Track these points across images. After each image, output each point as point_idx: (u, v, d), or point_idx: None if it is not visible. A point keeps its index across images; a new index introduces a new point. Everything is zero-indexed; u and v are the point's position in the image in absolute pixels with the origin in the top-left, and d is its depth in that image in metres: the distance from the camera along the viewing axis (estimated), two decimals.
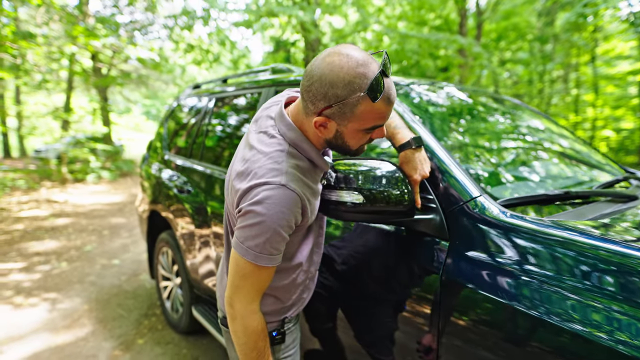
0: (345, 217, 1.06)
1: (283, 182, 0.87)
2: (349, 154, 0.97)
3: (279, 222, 0.87)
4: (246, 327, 0.96)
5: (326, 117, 0.86)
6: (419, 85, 1.74)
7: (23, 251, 4.60)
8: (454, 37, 11.94)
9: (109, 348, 2.62)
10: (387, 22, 15.62)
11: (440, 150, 1.21)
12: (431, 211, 1.13)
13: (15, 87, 17.44)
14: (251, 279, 0.93)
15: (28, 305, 3.22)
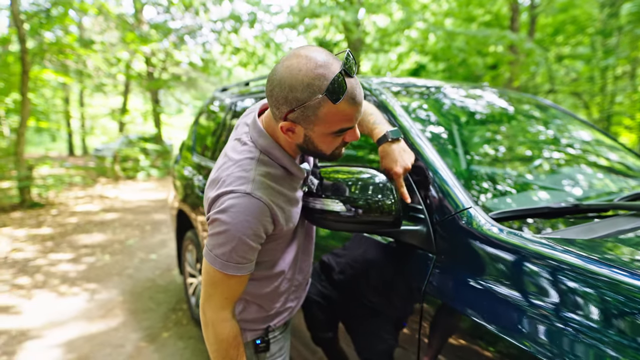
0: (330, 226, 1.03)
1: (248, 191, 0.86)
2: (324, 159, 0.94)
3: (243, 231, 0.85)
4: (217, 335, 0.96)
5: (292, 122, 0.83)
6: (431, 87, 1.66)
7: (73, 243, 4.97)
8: (503, 33, 11.34)
9: (136, 339, 2.75)
10: (433, 20, 15.16)
11: (432, 156, 1.13)
12: (419, 222, 1.06)
13: (79, 91, 18.94)
14: (221, 287, 0.93)
15: (71, 294, 3.47)
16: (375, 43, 16.32)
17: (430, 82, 1.78)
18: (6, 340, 2.70)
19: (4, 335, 2.75)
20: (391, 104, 1.35)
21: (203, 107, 3.41)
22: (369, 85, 1.43)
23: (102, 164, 12.12)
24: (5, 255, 4.48)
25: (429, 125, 1.42)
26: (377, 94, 1.37)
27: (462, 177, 1.23)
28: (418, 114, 1.46)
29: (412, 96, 1.58)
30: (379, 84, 1.50)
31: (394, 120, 1.28)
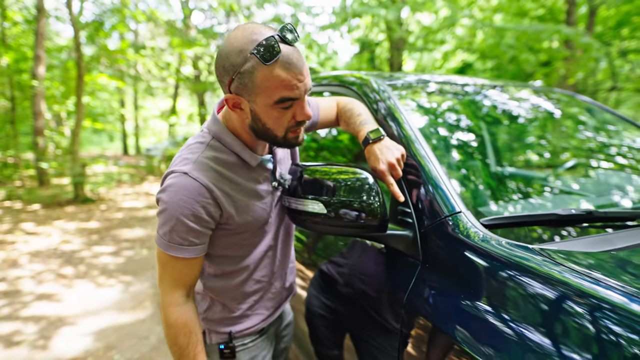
0: (311, 228, 0.98)
1: (186, 170, 0.86)
2: (281, 144, 0.91)
3: (180, 210, 0.85)
4: (166, 319, 0.93)
5: (236, 95, 0.83)
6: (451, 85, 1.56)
7: (116, 237, 5.27)
8: (557, 27, 10.61)
9: (161, 331, 2.84)
10: (482, 16, 14.53)
11: (426, 156, 1.05)
12: (407, 226, 0.99)
13: (134, 94, 20.15)
14: (168, 268, 0.92)
15: (107, 285, 3.67)
16: (419, 41, 15.96)
17: (455, 78, 1.67)
18: (45, 325, 2.90)
19: (44, 321, 2.96)
20: (394, 102, 1.27)
21: None
22: (378, 87, 1.36)
23: (150, 162, 12.79)
24: (55, 246, 4.83)
25: (439, 126, 1.33)
26: (385, 97, 1.30)
27: (467, 180, 1.14)
28: (429, 113, 1.38)
29: (427, 94, 1.49)
30: (391, 82, 1.42)
31: (395, 122, 1.20)
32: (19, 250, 4.62)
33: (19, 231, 5.38)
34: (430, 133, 1.24)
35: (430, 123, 1.32)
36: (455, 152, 1.21)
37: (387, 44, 15.79)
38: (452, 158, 1.17)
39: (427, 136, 1.18)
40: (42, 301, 3.30)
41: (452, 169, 1.14)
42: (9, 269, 4.03)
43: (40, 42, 8.52)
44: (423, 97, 1.47)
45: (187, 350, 0.95)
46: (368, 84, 1.39)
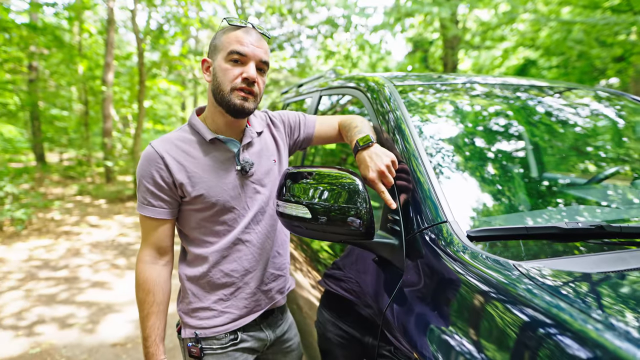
0: (296, 231, 0.98)
1: (150, 143, 1.05)
2: (226, 102, 1.01)
3: (141, 173, 1.03)
4: (135, 272, 1.09)
5: (207, 59, 1.06)
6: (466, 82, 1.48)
7: None
8: (635, 18, 9.61)
9: None
10: (546, 9, 13.55)
11: (417, 161, 1.00)
12: (395, 234, 0.95)
13: (194, 97, 21.29)
14: (142, 227, 1.09)
15: None
16: (475, 39, 15.28)
17: (496, 79, 1.58)
18: (95, 310, 3.16)
19: (95, 307, 3.22)
20: (396, 102, 1.23)
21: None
22: (386, 89, 1.32)
23: None
24: (113, 238, 5.25)
25: (457, 131, 1.26)
26: (388, 98, 1.26)
27: (481, 188, 1.07)
28: (449, 116, 1.31)
29: (456, 95, 1.42)
30: (413, 83, 1.38)
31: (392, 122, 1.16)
32: (82, 241, 5.08)
33: (84, 223, 5.91)
34: (438, 138, 1.18)
35: (446, 128, 1.25)
36: (469, 158, 1.14)
37: (441, 42, 15.27)
38: (460, 164, 1.11)
39: (439, 143, 1.13)
40: (96, 288, 3.60)
41: (461, 175, 1.07)
42: (72, 257, 4.45)
43: (110, 51, 9.30)
44: (447, 98, 1.40)
45: (143, 307, 1.06)
46: (379, 87, 1.36)
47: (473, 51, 16.86)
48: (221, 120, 1.07)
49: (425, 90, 1.39)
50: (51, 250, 4.62)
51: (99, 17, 12.86)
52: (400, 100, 1.26)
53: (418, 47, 16.74)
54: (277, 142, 1.21)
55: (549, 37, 13.30)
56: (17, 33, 8.33)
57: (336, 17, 16.27)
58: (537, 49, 14.47)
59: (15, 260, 4.25)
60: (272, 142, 1.20)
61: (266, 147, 1.16)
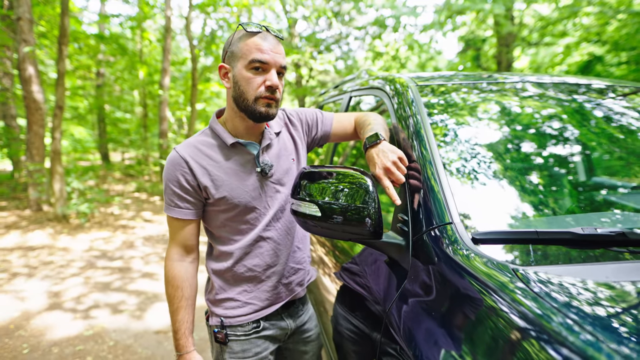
0: (311, 230, 1.01)
1: (174, 147, 1.09)
2: (251, 111, 1.04)
3: (167, 176, 1.09)
4: (164, 272, 1.15)
5: (224, 65, 1.06)
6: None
7: None
8: None
9: None
10: (615, 1, 12.50)
11: (428, 158, 0.98)
12: (403, 235, 0.95)
13: None
14: (170, 228, 1.15)
15: (201, 270, 4.11)
16: (533, 35, 14.46)
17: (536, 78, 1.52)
18: (143, 299, 3.39)
19: (143, 295, 3.46)
20: (414, 97, 1.22)
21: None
22: (412, 97, 1.31)
23: None
24: (164, 232, 5.58)
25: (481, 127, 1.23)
26: (405, 91, 1.25)
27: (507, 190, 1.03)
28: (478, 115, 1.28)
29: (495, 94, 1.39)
30: (443, 83, 1.37)
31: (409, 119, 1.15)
32: (137, 234, 5.46)
33: (139, 218, 6.35)
34: (458, 134, 1.16)
35: (466, 130, 1.22)
36: (484, 161, 1.11)
37: (494, 40, 14.61)
38: (475, 167, 1.08)
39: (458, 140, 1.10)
40: (145, 279, 3.86)
41: (475, 178, 1.04)
42: (127, 249, 4.80)
43: (167, 57, 9.90)
44: (474, 98, 1.37)
45: (172, 302, 1.12)
46: (402, 88, 1.35)
47: (530, 48, 15.96)
48: (241, 125, 1.11)
49: (451, 90, 1.36)
50: (109, 242, 5.02)
51: (158, 26, 13.71)
52: (421, 104, 1.25)
53: (470, 46, 16.13)
54: (295, 141, 1.24)
55: (617, 30, 12.29)
56: (85, 43, 9.09)
57: (384, 17, 16.09)
58: (603, 44, 13.44)
59: (77, 250, 4.66)
60: (290, 142, 1.23)
61: (284, 147, 1.20)
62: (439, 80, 1.44)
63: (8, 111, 9.33)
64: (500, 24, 11.84)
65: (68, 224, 5.76)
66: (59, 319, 2.99)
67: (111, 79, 13.07)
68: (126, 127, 13.77)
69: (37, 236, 5.13)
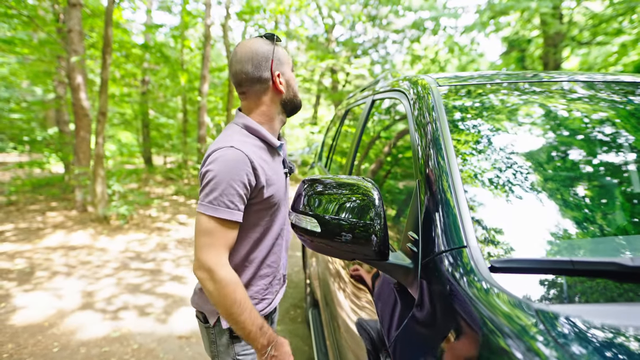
0: (310, 246, 0.92)
1: (231, 144, 1.02)
2: (296, 105, 1.22)
3: (230, 175, 0.99)
4: (222, 279, 0.98)
5: (277, 74, 1.12)
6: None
7: None
8: None
9: None
10: None
11: (449, 178, 0.86)
12: (412, 256, 0.83)
13: None
14: (218, 233, 1.00)
15: None
16: (584, 34, 13.65)
17: None
18: (170, 302, 3.42)
19: (170, 299, 3.50)
20: (436, 102, 1.10)
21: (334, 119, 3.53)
22: (432, 100, 1.19)
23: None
24: None
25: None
26: (434, 119, 1.13)
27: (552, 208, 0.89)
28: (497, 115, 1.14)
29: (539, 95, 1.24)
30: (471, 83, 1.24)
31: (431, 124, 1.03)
32: (171, 237, 5.59)
33: (174, 221, 6.51)
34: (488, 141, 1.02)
35: (493, 139, 1.08)
36: (509, 177, 0.97)
37: (541, 40, 13.86)
38: (499, 182, 0.94)
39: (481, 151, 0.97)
40: (174, 282, 3.91)
41: (498, 195, 0.91)
42: (160, 251, 4.91)
43: (206, 64, 10.19)
44: (508, 100, 1.23)
45: (246, 303, 1.01)
46: (423, 91, 1.23)
47: (581, 48, 15.04)
48: (278, 126, 1.20)
49: (480, 92, 1.22)
50: (144, 244, 5.16)
51: (199, 34, 14.18)
52: (443, 108, 1.13)
53: (514, 47, 15.41)
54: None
55: None
56: (129, 52, 9.53)
57: (423, 19, 15.74)
58: None
59: (114, 251, 4.82)
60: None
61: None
62: (468, 81, 1.31)
63: (61, 117, 9.96)
64: (548, 23, 11.21)
65: (108, 225, 6.00)
66: (89, 319, 3.07)
67: (155, 86, 13.65)
68: (168, 132, 14.33)
69: (79, 236, 5.38)
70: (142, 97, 13.34)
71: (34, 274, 3.99)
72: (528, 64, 15.09)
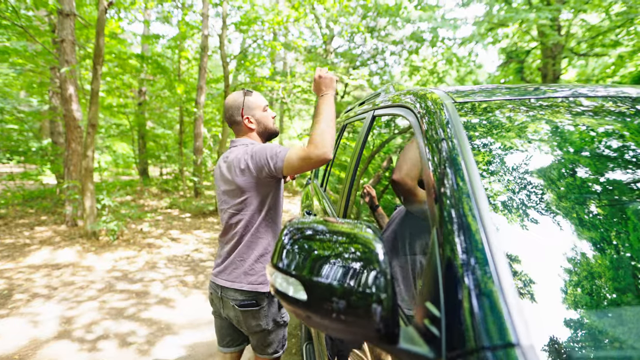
0: (296, 316, 0.71)
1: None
2: (272, 132, 1.77)
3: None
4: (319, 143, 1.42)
5: (246, 117, 1.69)
6: None
7: None
8: None
9: (247, 353, 2.81)
10: None
11: (475, 211, 0.66)
12: (432, 342, 0.62)
13: (280, 117, 22.24)
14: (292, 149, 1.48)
15: None
16: (582, 45, 13.66)
17: None
18: (155, 330, 3.18)
19: (155, 326, 3.26)
20: (456, 132, 0.91)
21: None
22: (446, 117, 1.01)
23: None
24: (188, 253, 5.44)
25: None
26: (449, 135, 0.95)
27: None
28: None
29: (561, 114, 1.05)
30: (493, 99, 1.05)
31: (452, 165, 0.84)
32: (161, 254, 5.35)
33: (166, 237, 6.27)
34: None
35: (531, 164, 0.89)
36: (572, 219, 0.77)
37: (539, 52, 13.80)
38: (555, 228, 0.74)
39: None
40: (161, 306, 3.67)
41: (554, 247, 0.70)
42: (148, 270, 4.67)
43: (203, 75, 10.05)
44: (539, 118, 1.03)
45: (321, 120, 1.47)
46: (434, 107, 1.04)
47: (578, 60, 15.01)
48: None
49: (500, 107, 1.03)
50: (132, 262, 4.92)
51: (197, 45, 14.11)
52: (460, 125, 0.94)
53: (512, 58, 15.37)
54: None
55: None
56: (122, 63, 9.40)
57: (422, 31, 15.71)
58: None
59: (100, 270, 4.58)
60: None
61: None
62: (484, 95, 1.11)
63: (55, 128, 9.78)
64: (546, 34, 11.16)
65: (97, 241, 5.76)
66: (65, 351, 2.83)
67: (152, 96, 13.49)
68: (165, 142, 14.14)
69: (65, 254, 5.14)
70: (138, 108, 13.18)
71: (11, 296, 3.74)
72: (526, 75, 15.04)
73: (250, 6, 8.87)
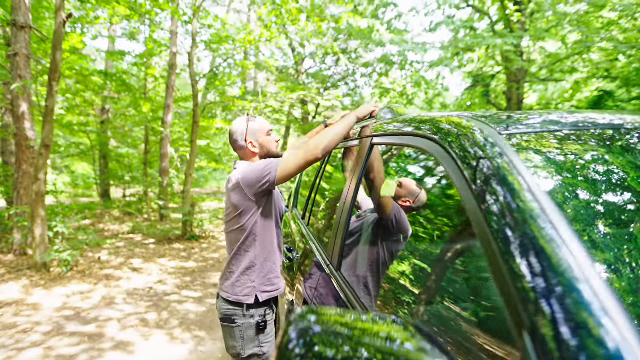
0: None
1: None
2: (272, 155, 1.82)
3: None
4: (319, 146, 1.57)
5: (252, 140, 1.78)
6: None
7: (206, 281, 5.25)
8: None
9: None
10: (622, 38, 12.27)
11: (561, 247, 0.45)
12: None
13: None
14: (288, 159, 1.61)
15: (180, 340, 3.49)
16: (542, 71, 14.35)
17: None
18: None
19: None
20: (509, 158, 0.70)
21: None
22: (483, 139, 0.81)
23: None
24: (151, 285, 4.99)
25: None
26: (493, 155, 0.74)
27: None
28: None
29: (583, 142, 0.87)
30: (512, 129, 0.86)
31: (510, 196, 0.64)
32: (120, 287, 4.86)
33: (126, 267, 5.76)
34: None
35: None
36: None
37: (503, 76, 14.37)
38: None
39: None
40: (117, 351, 3.23)
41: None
42: (104, 307, 4.20)
43: (170, 94, 9.67)
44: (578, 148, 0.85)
45: (330, 133, 1.60)
46: (468, 134, 0.84)
47: (539, 85, 15.75)
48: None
49: (550, 136, 0.84)
50: (86, 298, 4.43)
51: (164, 62, 13.72)
52: (512, 151, 0.73)
53: (478, 82, 15.91)
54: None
55: (627, 66, 12.13)
56: (81, 79, 8.93)
57: (392, 54, 16.03)
58: (613, 80, 13.27)
59: (48, 308, 4.07)
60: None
61: None
62: (528, 127, 0.92)
63: (7, 148, 9.04)
64: (511, 60, 11.61)
65: (48, 273, 5.20)
66: None
67: (116, 114, 12.89)
68: (129, 162, 13.48)
69: (9, 289, 4.57)
70: (101, 127, 12.53)
71: None
72: (492, 99, 15.58)
73: (221, 25, 8.67)
